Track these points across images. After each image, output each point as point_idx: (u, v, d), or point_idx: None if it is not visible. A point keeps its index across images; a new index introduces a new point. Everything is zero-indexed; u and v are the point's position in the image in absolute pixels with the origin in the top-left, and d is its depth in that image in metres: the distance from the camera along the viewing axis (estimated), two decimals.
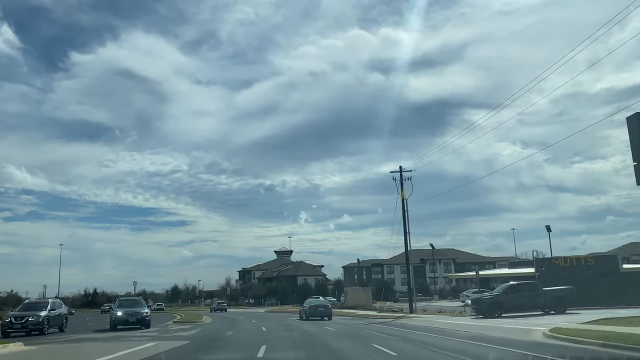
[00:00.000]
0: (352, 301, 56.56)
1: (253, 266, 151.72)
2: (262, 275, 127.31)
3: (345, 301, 58.32)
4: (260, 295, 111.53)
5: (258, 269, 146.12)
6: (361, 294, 57.85)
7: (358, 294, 58.17)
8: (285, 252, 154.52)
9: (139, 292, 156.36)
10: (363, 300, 56.52)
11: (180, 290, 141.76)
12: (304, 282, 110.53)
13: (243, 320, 41.19)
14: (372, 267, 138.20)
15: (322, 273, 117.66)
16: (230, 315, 57.17)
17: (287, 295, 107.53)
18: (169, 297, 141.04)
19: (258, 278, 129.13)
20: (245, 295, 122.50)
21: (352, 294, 58.55)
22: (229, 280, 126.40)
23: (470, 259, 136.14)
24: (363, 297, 56.98)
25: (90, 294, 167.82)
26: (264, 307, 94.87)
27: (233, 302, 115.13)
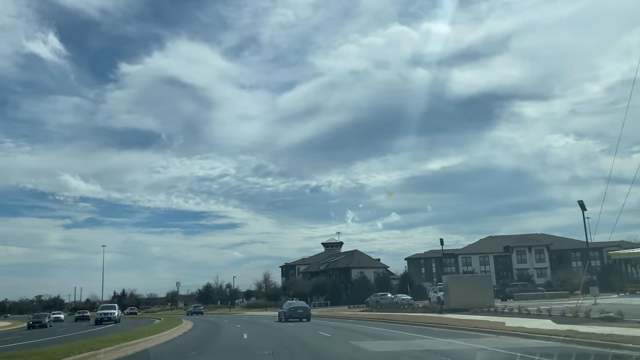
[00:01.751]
0: (460, 299, 31.30)
1: (297, 260, 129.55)
2: (306, 270, 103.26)
3: (448, 300, 33.01)
4: (305, 293, 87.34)
5: (303, 263, 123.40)
6: (475, 288, 32.25)
7: (469, 286, 32.55)
8: (335, 244, 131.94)
9: (174, 293, 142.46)
10: (478, 297, 31.13)
11: (212, 289, 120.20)
12: (360, 275, 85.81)
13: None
14: (443, 258, 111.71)
15: (382, 265, 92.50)
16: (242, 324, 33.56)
17: (339, 293, 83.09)
18: (199, 298, 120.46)
19: (302, 272, 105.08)
20: (287, 294, 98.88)
21: (457, 287, 32.78)
22: (267, 275, 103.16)
23: (570, 245, 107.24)
24: (477, 293, 31.53)
25: (117, 295, 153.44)
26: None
27: (272, 302, 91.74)
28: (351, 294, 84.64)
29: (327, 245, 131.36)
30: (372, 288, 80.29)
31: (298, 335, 21.18)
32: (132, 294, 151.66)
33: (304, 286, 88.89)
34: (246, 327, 30.78)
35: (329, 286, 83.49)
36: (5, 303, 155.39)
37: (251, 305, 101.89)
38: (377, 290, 77.97)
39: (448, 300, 33.11)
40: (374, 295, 56.25)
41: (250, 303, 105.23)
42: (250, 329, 29.25)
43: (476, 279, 34.37)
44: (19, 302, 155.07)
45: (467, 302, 31.70)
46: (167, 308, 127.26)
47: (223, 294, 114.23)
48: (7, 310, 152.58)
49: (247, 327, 30.85)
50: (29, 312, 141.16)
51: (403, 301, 52.14)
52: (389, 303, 51.30)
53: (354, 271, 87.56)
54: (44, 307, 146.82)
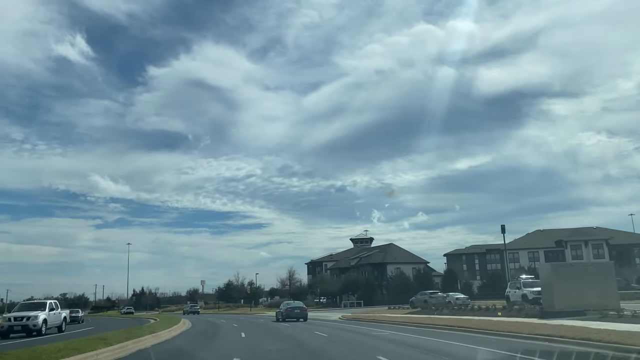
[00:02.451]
0: (569, 298, 21.06)
1: (324, 257, 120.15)
2: (335, 266, 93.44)
3: (550, 299, 22.62)
4: (334, 291, 77.81)
5: (330, 259, 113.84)
6: (591, 281, 21.73)
7: (583, 280, 21.97)
8: (364, 240, 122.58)
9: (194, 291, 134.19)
10: (594, 295, 20.89)
11: (233, 287, 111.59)
12: (396, 272, 75.68)
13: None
14: (486, 254, 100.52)
15: (421, 260, 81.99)
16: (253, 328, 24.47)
17: (373, 291, 73.12)
18: (220, 296, 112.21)
19: (330, 269, 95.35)
20: (314, 292, 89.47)
21: (566, 281, 21.93)
22: (291, 271, 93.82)
23: (633, 239, 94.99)
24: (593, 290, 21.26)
25: (137, 293, 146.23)
26: (338, 309, 61.25)
27: (298, 300, 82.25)
28: (387, 292, 74.60)
29: (356, 241, 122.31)
30: (411, 286, 70.15)
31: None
32: (151, 292, 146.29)
33: (333, 284, 79.20)
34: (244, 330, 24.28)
35: (362, 284, 73.58)
36: (32, 300, 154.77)
37: (275, 304, 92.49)
38: (417, 288, 67.75)
39: (550, 299, 22.73)
40: (421, 293, 46.25)
41: (274, 302, 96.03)
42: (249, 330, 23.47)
43: (593, 269, 23.57)
44: (45, 298, 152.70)
45: (580, 302, 21.50)
46: (184, 307, 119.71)
47: (244, 292, 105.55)
48: (34, 307, 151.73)
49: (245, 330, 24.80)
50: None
51: (458, 301, 42.01)
52: (441, 303, 41.21)
53: (390, 267, 77.48)
54: (69, 305, 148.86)
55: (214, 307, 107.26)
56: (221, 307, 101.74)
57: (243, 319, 45.64)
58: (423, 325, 24.04)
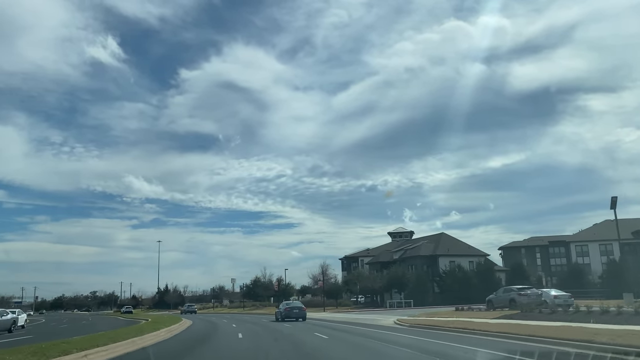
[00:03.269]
0: None
1: (360, 251, 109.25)
2: (374, 260, 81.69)
3: None
4: (375, 289, 66.25)
5: (367, 254, 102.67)
6: None
7: None
8: (404, 234, 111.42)
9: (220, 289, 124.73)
10: None
11: (260, 284, 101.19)
12: (451, 265, 63.67)
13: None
14: (549, 247, 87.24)
15: (480, 252, 69.51)
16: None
17: (424, 289, 61.29)
18: (245, 294, 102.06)
19: (369, 263, 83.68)
20: (350, 290, 78.19)
21: None
22: (325, 267, 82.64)
23: None
24: None
25: (161, 291, 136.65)
26: (383, 310, 49.94)
27: (332, 299, 71.30)
28: (440, 290, 62.56)
29: (395, 235, 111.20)
30: (470, 282, 58.20)
31: None
32: (176, 289, 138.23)
33: (372, 280, 67.55)
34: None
35: (410, 280, 61.63)
36: (62, 299, 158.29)
37: (306, 303, 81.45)
38: (478, 285, 55.87)
39: None
40: (505, 289, 34.32)
41: (305, 301, 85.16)
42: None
43: None
44: (74, 297, 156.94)
45: None
46: (209, 305, 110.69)
47: (272, 290, 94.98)
48: (63, 305, 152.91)
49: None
50: (83, 307, 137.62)
51: (557, 300, 29.95)
52: (534, 303, 29.20)
53: (442, 260, 65.34)
54: (99, 303, 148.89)
55: (238, 306, 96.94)
56: (246, 306, 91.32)
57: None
58: (570, 343, 12.45)
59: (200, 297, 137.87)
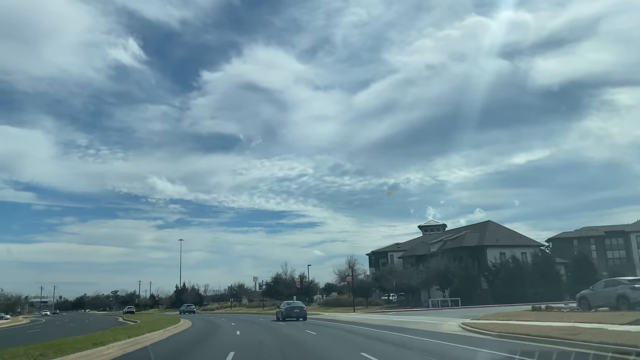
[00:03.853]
0: None
1: (390, 246, 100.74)
2: (409, 254, 72.80)
3: None
4: (412, 285, 57.54)
5: (398, 249, 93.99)
6: None
7: None
8: (436, 227, 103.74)
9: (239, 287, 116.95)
10: None
11: (281, 281, 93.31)
12: (502, 257, 54.63)
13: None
14: (606, 238, 77.23)
15: (534, 242, 60.11)
16: None
17: (472, 283, 52.39)
18: (266, 292, 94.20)
19: (403, 257, 74.87)
20: (381, 287, 69.67)
21: None
22: (352, 261, 74.32)
23: None
24: None
25: (178, 290, 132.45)
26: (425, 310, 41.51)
27: (361, 297, 63.02)
28: (489, 285, 53.52)
29: (426, 228, 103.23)
30: (527, 276, 49.20)
31: None
32: (194, 288, 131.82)
33: (408, 276, 58.72)
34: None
35: (457, 275, 52.54)
36: (83, 298, 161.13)
37: (331, 302, 73.54)
38: (537, 280, 47.01)
39: None
40: (608, 283, 25.35)
41: (331, 300, 77.12)
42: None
43: None
44: (95, 297, 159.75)
45: None
46: (226, 305, 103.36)
47: (294, 287, 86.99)
48: (84, 305, 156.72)
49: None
50: (100, 307, 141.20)
51: None
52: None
53: (491, 252, 56.23)
54: (120, 303, 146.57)
55: (258, 305, 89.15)
56: (266, 306, 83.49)
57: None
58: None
59: (221, 296, 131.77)
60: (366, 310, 55.41)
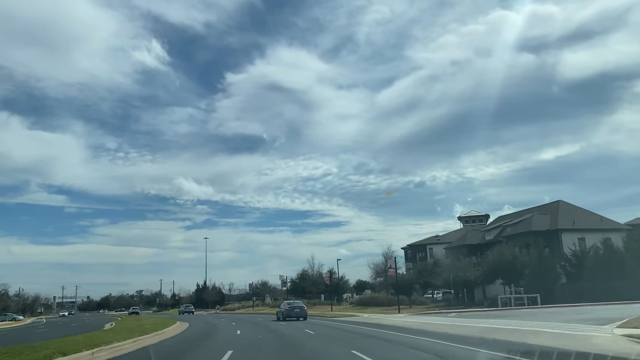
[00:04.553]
0: None
1: (428, 238, 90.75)
2: (459, 244, 61.96)
3: None
4: (468, 280, 46.77)
5: (438, 242, 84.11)
6: None
7: None
8: (479, 217, 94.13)
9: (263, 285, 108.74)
10: None
11: (308, 278, 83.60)
12: (581, 244, 43.65)
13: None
14: None
15: (619, 225, 48.72)
16: None
17: (549, 276, 41.46)
18: (291, 291, 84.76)
19: (449, 248, 64.04)
20: (426, 283, 59.19)
21: None
22: (389, 255, 63.99)
23: None
24: None
25: (200, 287, 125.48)
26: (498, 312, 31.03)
27: (404, 296, 53.04)
28: (568, 279, 42.52)
29: (467, 220, 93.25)
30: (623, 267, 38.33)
31: None
32: (215, 287, 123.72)
33: (463, 269, 47.90)
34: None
35: (529, 266, 41.70)
36: (108, 298, 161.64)
37: (366, 301, 63.23)
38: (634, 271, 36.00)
39: None
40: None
41: (365, 298, 66.88)
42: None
43: None
44: (119, 297, 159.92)
45: None
46: (248, 304, 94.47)
47: (322, 284, 77.08)
48: (110, 305, 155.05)
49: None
50: (120, 307, 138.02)
51: None
52: None
53: (567, 237, 45.17)
54: (145, 302, 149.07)
55: (276, 306, 79.50)
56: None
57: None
58: None
59: (245, 295, 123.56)
60: (411, 310, 45.25)
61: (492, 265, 44.54)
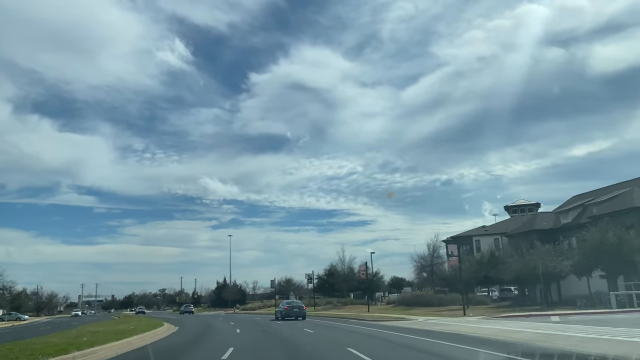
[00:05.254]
0: None
1: (474, 229, 79.47)
2: (522, 231, 50.51)
3: None
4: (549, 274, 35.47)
5: (485, 232, 73.17)
6: None
7: None
8: (527, 207, 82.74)
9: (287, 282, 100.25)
10: None
11: (337, 274, 73.34)
12: None
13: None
14: None
15: None
16: None
17: None
18: (318, 289, 74.66)
19: (513, 235, 52.48)
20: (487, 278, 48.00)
21: None
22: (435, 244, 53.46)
23: None
24: None
25: (220, 285, 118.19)
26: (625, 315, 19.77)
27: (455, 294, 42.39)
28: None
29: (515, 210, 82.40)
30: None
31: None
32: (236, 284, 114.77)
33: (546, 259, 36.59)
34: None
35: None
36: (132, 297, 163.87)
37: (409, 300, 52.27)
38: None
39: None
40: None
41: (407, 297, 55.89)
42: None
43: None
44: (142, 295, 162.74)
45: None
46: (270, 304, 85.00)
47: (354, 281, 66.60)
48: (133, 303, 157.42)
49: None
50: (151, 305, 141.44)
51: None
52: None
53: None
54: (168, 301, 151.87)
55: (308, 304, 69.36)
56: (318, 305, 63.56)
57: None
58: None
59: (270, 294, 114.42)
60: (475, 311, 34.60)
61: (588, 252, 33.40)
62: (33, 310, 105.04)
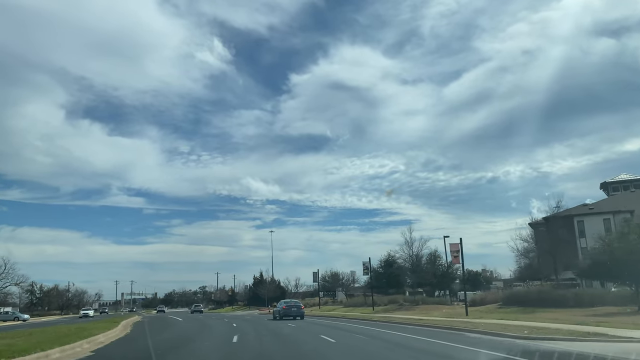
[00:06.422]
0: None
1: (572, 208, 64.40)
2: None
3: None
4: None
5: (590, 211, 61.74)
6: None
7: None
8: (632, 182, 70.64)
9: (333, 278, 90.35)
10: None
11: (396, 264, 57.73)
12: None
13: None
14: None
15: None
16: None
17: None
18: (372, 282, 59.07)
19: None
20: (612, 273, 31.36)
21: None
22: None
23: None
24: None
25: (256, 280, 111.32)
26: None
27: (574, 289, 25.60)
28: None
29: (615, 187, 70.96)
30: None
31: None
32: (273, 279, 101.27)
33: None
34: None
35: None
36: (172, 295, 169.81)
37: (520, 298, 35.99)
38: None
39: None
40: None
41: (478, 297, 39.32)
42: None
43: None
44: (182, 293, 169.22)
45: None
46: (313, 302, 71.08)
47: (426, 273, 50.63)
48: (174, 302, 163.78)
49: None
50: (192, 303, 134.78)
51: None
52: None
53: None
54: (208, 299, 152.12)
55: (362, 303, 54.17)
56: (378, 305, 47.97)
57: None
58: None
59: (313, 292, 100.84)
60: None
61: None
62: (57, 309, 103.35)
